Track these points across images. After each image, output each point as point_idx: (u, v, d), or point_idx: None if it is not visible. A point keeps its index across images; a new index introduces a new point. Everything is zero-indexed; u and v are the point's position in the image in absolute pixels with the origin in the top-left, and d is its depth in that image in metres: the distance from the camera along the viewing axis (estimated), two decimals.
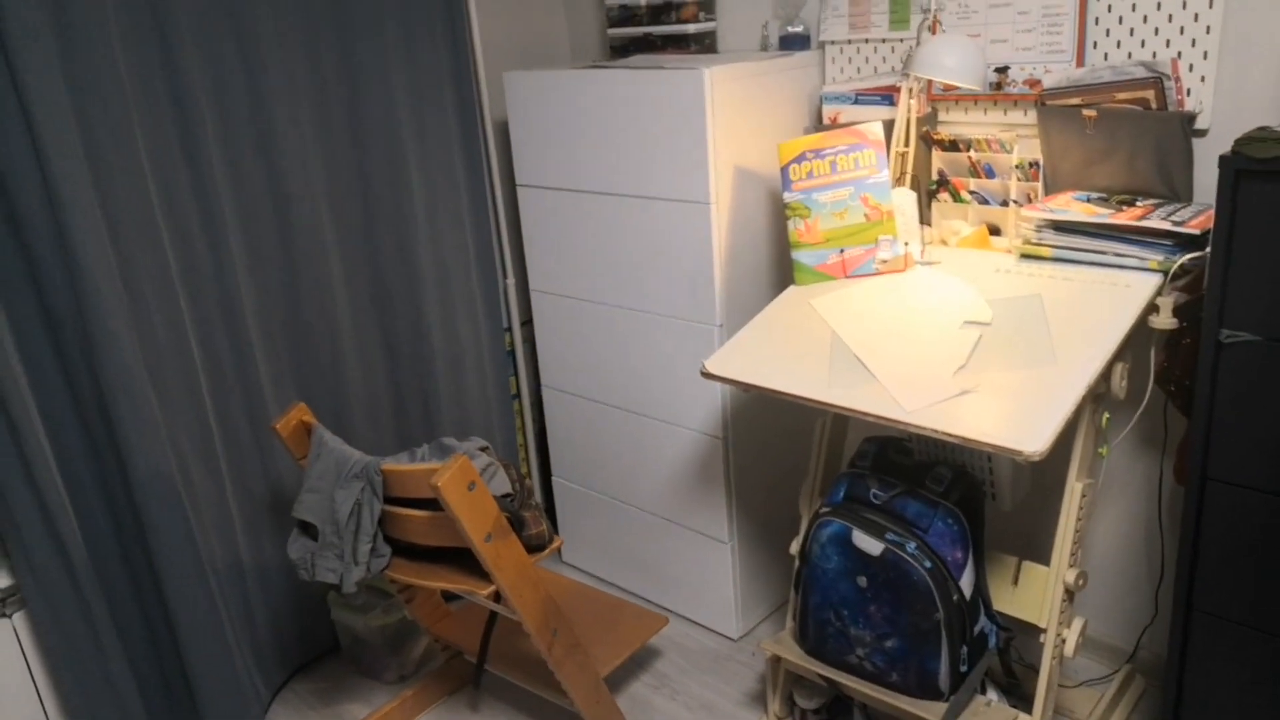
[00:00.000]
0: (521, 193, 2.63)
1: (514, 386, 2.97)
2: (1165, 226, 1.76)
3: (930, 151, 2.20)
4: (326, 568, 1.95)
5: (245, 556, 2.38)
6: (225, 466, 2.30)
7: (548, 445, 2.92)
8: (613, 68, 2.32)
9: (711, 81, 2.11)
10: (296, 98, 2.27)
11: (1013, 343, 1.73)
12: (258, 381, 2.32)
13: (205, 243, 2.19)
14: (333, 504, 1.93)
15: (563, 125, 2.44)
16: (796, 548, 2.03)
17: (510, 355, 2.93)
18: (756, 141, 2.26)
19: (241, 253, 2.26)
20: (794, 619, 2.04)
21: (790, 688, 2.22)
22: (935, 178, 2.22)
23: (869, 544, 1.81)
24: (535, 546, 1.95)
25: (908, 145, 2.13)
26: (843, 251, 2.06)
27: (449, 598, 2.45)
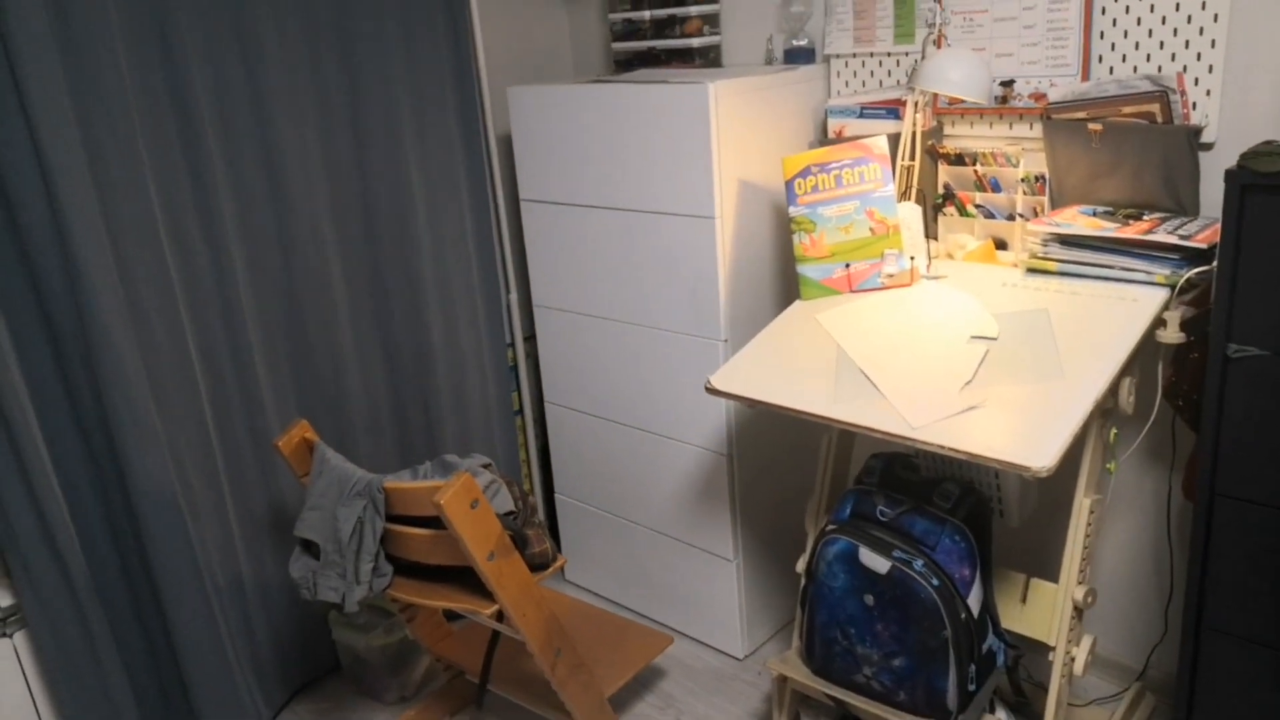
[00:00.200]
0: (525, 207, 2.63)
1: (516, 402, 2.96)
2: (1172, 240, 1.75)
3: (936, 165, 2.20)
4: (329, 587, 1.93)
5: (246, 574, 2.37)
6: (226, 482, 2.29)
7: (550, 461, 2.90)
8: (617, 82, 2.32)
9: (716, 95, 2.11)
10: (300, 111, 2.28)
11: (1019, 357, 1.72)
12: (259, 394, 2.32)
13: (207, 255, 2.18)
14: (335, 522, 1.92)
15: (566, 140, 2.44)
16: (803, 565, 2.01)
17: (513, 370, 2.92)
18: (761, 156, 2.26)
19: (243, 264, 2.26)
20: (800, 638, 2.02)
21: (797, 707, 2.20)
22: (941, 192, 2.21)
23: (876, 561, 1.79)
24: (538, 565, 1.94)
25: (913, 159, 2.13)
26: (848, 266, 2.05)
27: (451, 617, 2.44)
